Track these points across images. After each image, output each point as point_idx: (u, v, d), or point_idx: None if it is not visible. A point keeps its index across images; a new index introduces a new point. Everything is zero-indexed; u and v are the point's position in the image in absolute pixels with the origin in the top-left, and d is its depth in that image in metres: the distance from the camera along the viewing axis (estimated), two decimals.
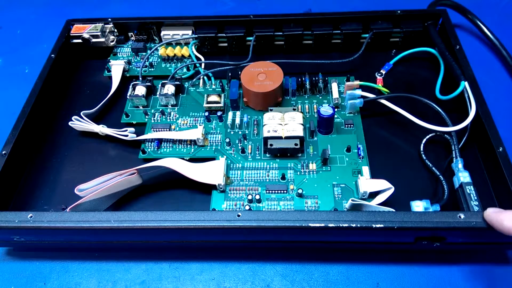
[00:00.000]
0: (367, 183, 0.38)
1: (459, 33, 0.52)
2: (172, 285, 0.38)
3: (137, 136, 0.45)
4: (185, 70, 0.52)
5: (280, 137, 0.42)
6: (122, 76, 0.52)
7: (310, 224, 0.33)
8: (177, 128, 0.46)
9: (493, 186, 0.40)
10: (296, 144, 0.41)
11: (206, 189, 0.41)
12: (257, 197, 0.39)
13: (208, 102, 0.47)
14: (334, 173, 0.41)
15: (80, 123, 0.46)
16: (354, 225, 0.33)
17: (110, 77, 0.52)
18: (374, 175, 0.40)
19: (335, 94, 0.47)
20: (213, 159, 0.43)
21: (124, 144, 0.46)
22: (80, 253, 0.40)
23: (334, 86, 0.48)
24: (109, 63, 0.53)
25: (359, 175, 0.40)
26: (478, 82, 0.44)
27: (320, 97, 0.48)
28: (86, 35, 0.54)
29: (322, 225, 0.33)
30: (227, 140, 0.44)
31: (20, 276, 0.39)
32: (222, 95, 0.48)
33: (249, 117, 0.46)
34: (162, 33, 0.54)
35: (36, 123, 0.47)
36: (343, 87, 0.48)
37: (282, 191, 0.40)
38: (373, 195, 0.39)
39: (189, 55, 0.53)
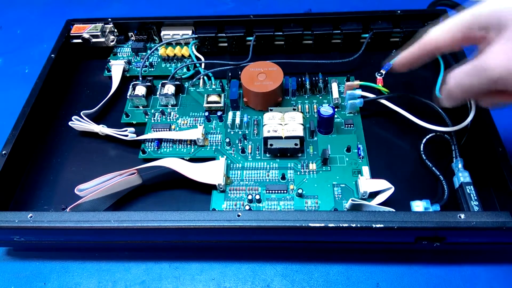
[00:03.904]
0: (367, 183, 0.38)
1: None
2: (172, 285, 0.38)
3: (137, 136, 0.45)
4: (185, 70, 0.52)
5: (280, 137, 0.42)
6: (122, 76, 0.52)
7: (310, 224, 0.33)
8: (177, 128, 0.46)
9: (493, 186, 0.40)
10: (296, 144, 0.41)
11: (206, 189, 0.41)
12: (257, 197, 0.39)
13: (208, 102, 0.47)
14: (334, 173, 0.41)
15: (80, 123, 0.46)
16: (354, 225, 0.33)
17: (110, 77, 0.52)
18: (374, 175, 0.40)
19: (335, 94, 0.47)
20: (213, 159, 0.43)
21: (124, 144, 0.46)
22: (80, 253, 0.40)
23: (334, 86, 0.48)
24: (109, 63, 0.53)
25: (359, 175, 0.40)
26: None
27: (320, 97, 0.48)
28: (86, 35, 0.54)
29: (322, 225, 0.33)
30: (227, 140, 0.44)
31: (20, 276, 0.39)
32: (222, 95, 0.48)
33: (249, 117, 0.46)
34: (162, 33, 0.54)
35: (36, 123, 0.47)
36: (343, 87, 0.48)
37: (282, 191, 0.40)
38: (373, 195, 0.39)
39: (189, 55, 0.53)
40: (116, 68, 0.52)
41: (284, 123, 0.43)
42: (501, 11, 0.29)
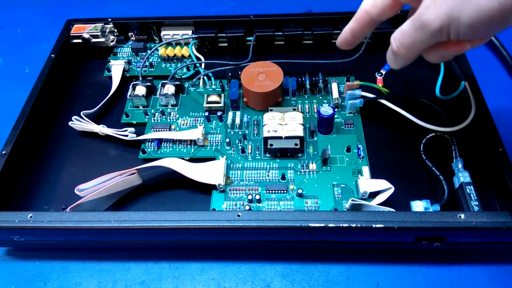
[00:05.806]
0: (367, 183, 0.38)
1: None
2: (172, 285, 0.38)
3: (137, 136, 0.45)
4: (185, 70, 0.52)
5: (280, 137, 0.42)
6: (122, 76, 0.52)
7: (310, 224, 0.33)
8: (177, 128, 0.46)
9: (493, 186, 0.40)
10: (296, 144, 0.41)
11: (206, 189, 0.41)
12: (257, 197, 0.39)
13: (208, 102, 0.47)
14: (334, 173, 0.41)
15: (80, 123, 0.46)
16: (354, 225, 0.33)
17: (110, 77, 0.52)
18: (374, 175, 0.40)
19: (335, 94, 0.47)
20: (213, 159, 0.43)
21: (124, 144, 0.46)
22: (80, 253, 0.40)
23: (334, 86, 0.48)
24: (109, 63, 0.53)
25: (359, 175, 0.40)
26: (478, 82, 0.44)
27: (320, 97, 0.48)
28: (86, 35, 0.54)
29: (322, 225, 0.33)
30: (227, 140, 0.44)
31: (20, 276, 0.39)
32: (222, 95, 0.48)
33: (249, 117, 0.46)
34: (162, 33, 0.54)
35: (36, 123, 0.47)
36: (343, 87, 0.48)
37: (282, 191, 0.40)
38: (373, 195, 0.39)
39: (189, 55, 0.53)
40: (116, 68, 0.52)
41: (284, 123, 0.43)
42: None
